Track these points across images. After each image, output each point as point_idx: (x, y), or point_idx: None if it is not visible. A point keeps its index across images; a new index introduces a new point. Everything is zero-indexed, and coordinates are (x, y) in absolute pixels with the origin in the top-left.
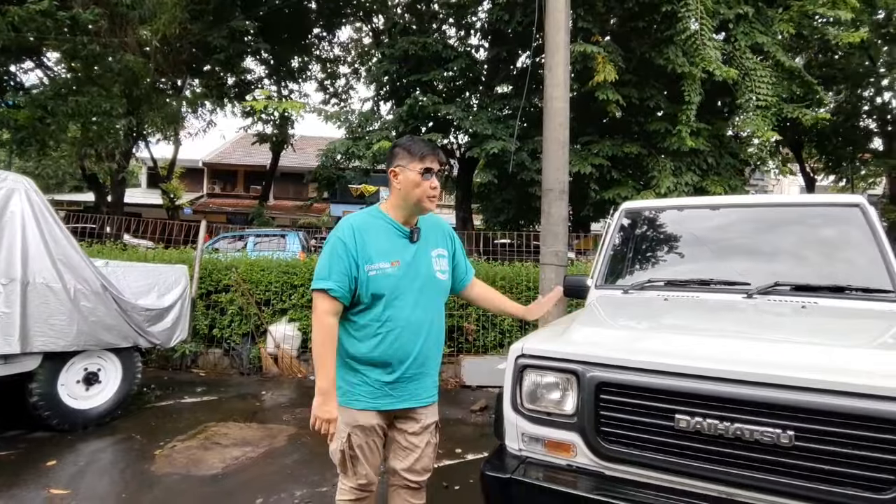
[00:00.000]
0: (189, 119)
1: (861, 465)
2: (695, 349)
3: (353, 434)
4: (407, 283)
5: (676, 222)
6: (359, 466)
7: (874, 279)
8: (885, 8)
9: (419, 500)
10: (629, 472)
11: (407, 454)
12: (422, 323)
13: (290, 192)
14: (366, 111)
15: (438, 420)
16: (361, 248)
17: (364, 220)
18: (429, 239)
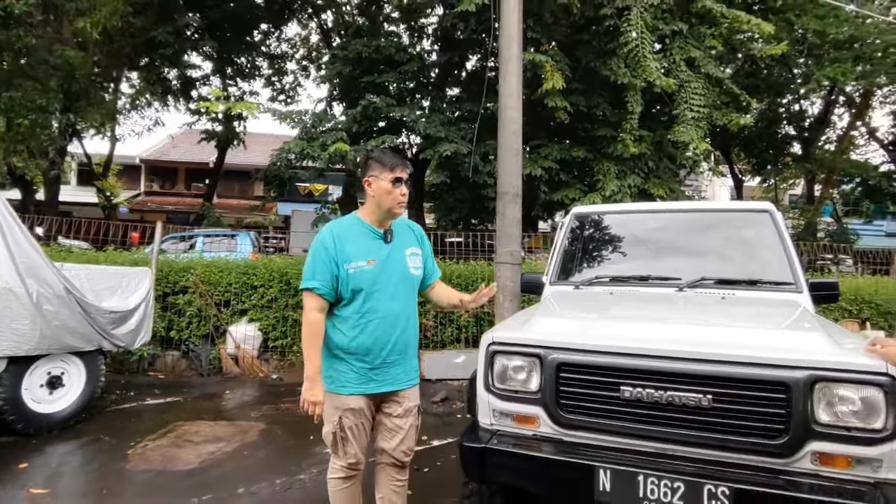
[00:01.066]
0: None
1: (760, 419)
2: (635, 333)
3: (344, 417)
4: (384, 279)
5: (619, 225)
6: (348, 447)
7: (780, 274)
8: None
9: (403, 476)
10: (584, 436)
11: (393, 435)
12: (399, 314)
13: (236, 190)
14: (319, 112)
15: (420, 403)
16: (341, 250)
17: (342, 226)
18: (402, 239)
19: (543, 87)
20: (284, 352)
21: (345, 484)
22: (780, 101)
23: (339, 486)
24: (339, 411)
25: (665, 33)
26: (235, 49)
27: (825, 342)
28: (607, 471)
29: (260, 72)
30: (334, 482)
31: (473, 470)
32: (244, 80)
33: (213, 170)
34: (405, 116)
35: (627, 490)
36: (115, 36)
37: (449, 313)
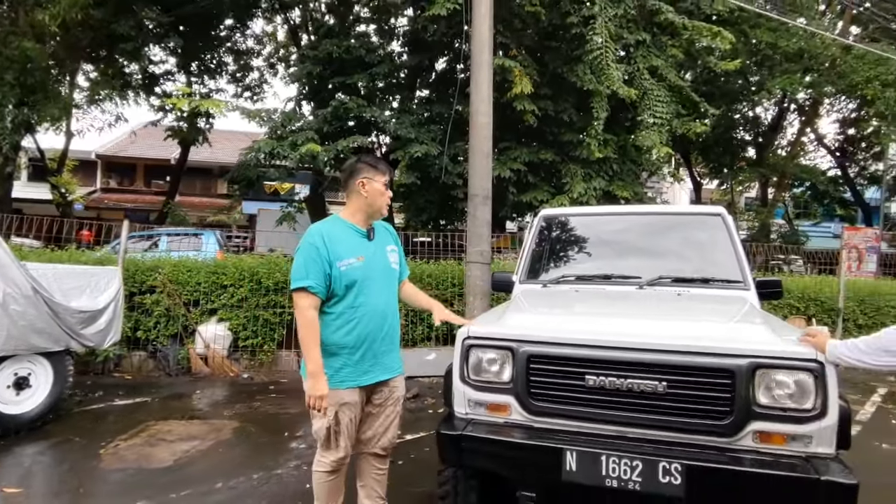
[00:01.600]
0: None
1: (708, 403)
2: (599, 327)
3: (341, 412)
4: (372, 274)
5: (584, 227)
6: (342, 440)
7: (730, 273)
8: (755, 39)
9: (384, 465)
10: (552, 422)
11: (379, 424)
12: (386, 306)
13: (198, 188)
14: (288, 111)
15: (404, 396)
16: (332, 249)
17: (329, 227)
18: (382, 238)
19: (512, 91)
20: (255, 351)
21: (331, 477)
22: (736, 107)
23: (325, 479)
24: (336, 406)
25: (629, 42)
26: (200, 44)
27: (766, 334)
28: (573, 452)
29: (225, 68)
30: (321, 475)
31: (450, 456)
32: (210, 77)
33: (175, 167)
34: (376, 117)
35: (592, 469)
36: (73, 28)
37: (420, 312)
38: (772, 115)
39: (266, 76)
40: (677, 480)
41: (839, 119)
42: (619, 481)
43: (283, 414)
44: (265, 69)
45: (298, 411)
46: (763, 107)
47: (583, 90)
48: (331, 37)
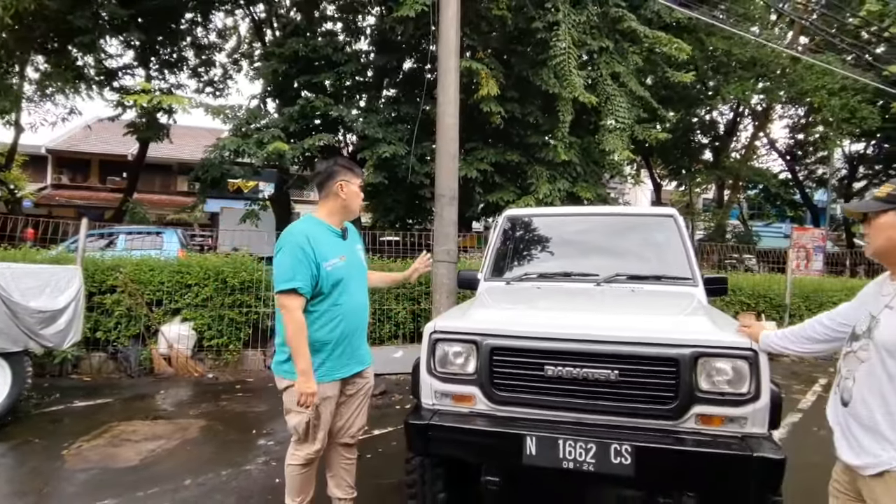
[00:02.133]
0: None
1: (655, 389)
2: (558, 321)
3: (322, 406)
4: (352, 272)
5: (546, 227)
6: (319, 433)
7: (680, 270)
8: (711, 46)
9: (352, 454)
10: (514, 411)
11: (350, 414)
12: (364, 301)
13: (157, 185)
14: (253, 108)
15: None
16: (317, 250)
17: (310, 228)
18: (353, 237)
19: (479, 93)
20: (220, 351)
21: (304, 470)
22: (694, 112)
23: (299, 472)
24: (318, 401)
25: (593, 49)
26: (160, 38)
27: (707, 325)
28: (533, 438)
29: (187, 63)
30: (294, 468)
31: (418, 445)
32: (170, 72)
33: (132, 163)
34: (343, 116)
35: (550, 453)
36: (25, 19)
37: (387, 310)
38: (727, 120)
39: (230, 72)
40: (627, 461)
41: (789, 125)
42: (575, 463)
43: (250, 412)
44: (228, 65)
45: (266, 409)
46: (719, 111)
47: (548, 93)
48: (297, 35)
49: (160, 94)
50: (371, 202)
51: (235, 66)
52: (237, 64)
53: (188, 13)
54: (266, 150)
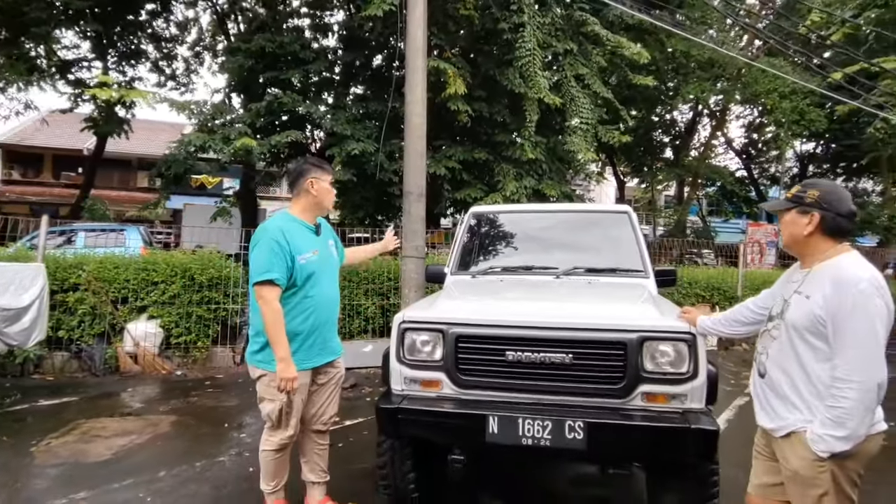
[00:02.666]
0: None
1: (606, 371)
2: (518, 310)
3: (292, 393)
4: (324, 266)
5: (509, 223)
6: (292, 419)
7: (633, 263)
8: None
9: (325, 440)
10: (478, 394)
11: (322, 402)
12: (334, 295)
13: (115, 180)
14: (217, 103)
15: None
16: (292, 244)
17: (284, 224)
18: (326, 233)
19: (447, 92)
20: (188, 348)
21: (277, 455)
22: (656, 111)
23: (272, 457)
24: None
25: (558, 51)
26: (118, 29)
27: (652, 312)
28: (495, 418)
29: (146, 56)
30: (268, 454)
31: (388, 427)
32: (128, 65)
33: (90, 158)
34: (311, 112)
35: (510, 431)
36: None
37: (357, 306)
38: (687, 120)
39: (192, 66)
40: (580, 436)
41: (745, 124)
42: (533, 440)
43: (221, 407)
44: (191, 58)
45: (236, 404)
46: (679, 111)
47: (515, 93)
48: (263, 31)
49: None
50: (339, 199)
51: (198, 60)
52: (199, 57)
53: (148, 4)
54: (233, 146)
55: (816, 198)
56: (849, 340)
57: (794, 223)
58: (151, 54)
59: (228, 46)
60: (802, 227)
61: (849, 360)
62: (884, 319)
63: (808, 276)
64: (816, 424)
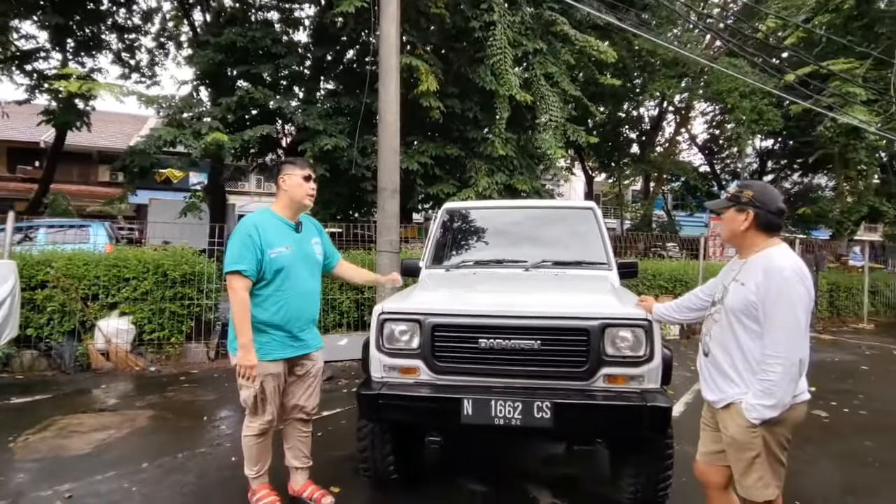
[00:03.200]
0: None
1: (571, 355)
2: (490, 301)
3: (265, 381)
4: (298, 262)
5: (480, 219)
6: (267, 406)
7: (597, 256)
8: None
9: (307, 428)
10: (453, 379)
11: (303, 392)
12: (311, 290)
13: (75, 174)
14: (185, 96)
15: (323, 367)
16: (264, 238)
17: (261, 219)
18: (308, 231)
19: (419, 89)
20: (162, 344)
21: (259, 440)
22: (623, 108)
23: (254, 442)
24: (261, 376)
25: (528, 50)
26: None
27: (613, 302)
28: (470, 400)
29: (108, 46)
30: (249, 439)
31: (369, 412)
32: (87, 55)
33: (49, 151)
34: (282, 107)
35: (484, 412)
36: None
37: (332, 300)
38: (652, 116)
39: (157, 57)
40: (547, 415)
41: (708, 121)
42: (505, 420)
43: (198, 401)
44: (154, 50)
45: (214, 398)
46: (645, 108)
47: (486, 90)
48: (233, 24)
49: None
50: None
51: (163, 51)
52: (164, 48)
53: None
54: (204, 142)
55: (751, 197)
56: (776, 322)
57: (732, 220)
58: (113, 45)
59: (196, 39)
60: (740, 224)
61: (776, 340)
62: (804, 304)
63: (744, 266)
64: (750, 396)
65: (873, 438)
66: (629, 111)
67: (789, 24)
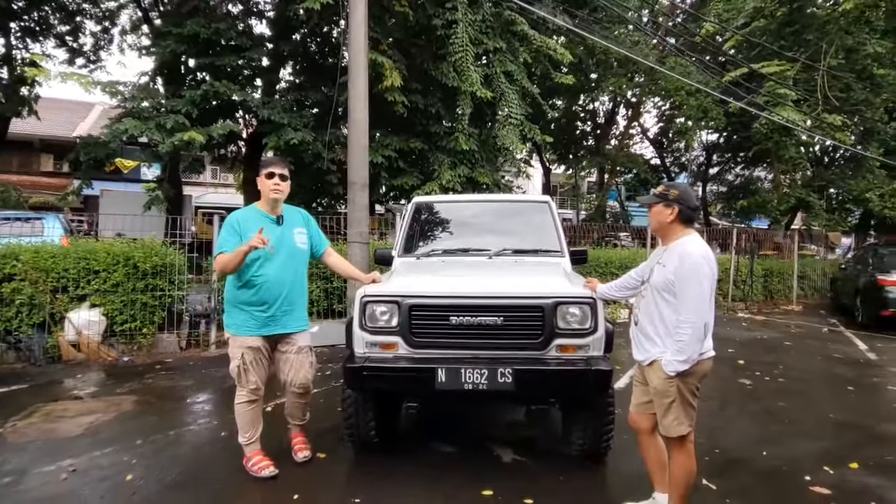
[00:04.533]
0: None
1: (528, 329)
2: (459, 284)
3: (245, 353)
4: (275, 252)
5: (447, 211)
6: (250, 376)
7: (552, 245)
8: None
9: (303, 399)
10: (427, 352)
11: (288, 369)
12: (285, 278)
13: (15, 164)
14: (143, 85)
15: (311, 345)
16: (243, 229)
17: (244, 214)
18: (292, 222)
19: (384, 84)
20: (133, 335)
21: (249, 407)
22: (579, 101)
23: (244, 409)
24: (241, 349)
25: (489, 48)
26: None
27: (565, 283)
28: (443, 369)
29: (53, 30)
30: (240, 406)
31: (354, 383)
32: (33, 40)
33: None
34: (247, 100)
35: (455, 379)
36: None
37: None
38: (606, 110)
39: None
40: (509, 380)
41: (659, 116)
42: (473, 384)
43: (178, 386)
44: (100, 35)
45: (193, 383)
46: (600, 102)
47: (449, 86)
48: (195, 14)
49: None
50: None
51: (106, 35)
52: (107, 33)
53: None
54: (177, 139)
55: (676, 195)
56: (687, 296)
57: (660, 213)
58: (58, 29)
59: (156, 29)
60: (666, 216)
61: (687, 309)
62: (709, 281)
63: (666, 251)
64: (668, 354)
65: (786, 400)
66: (585, 105)
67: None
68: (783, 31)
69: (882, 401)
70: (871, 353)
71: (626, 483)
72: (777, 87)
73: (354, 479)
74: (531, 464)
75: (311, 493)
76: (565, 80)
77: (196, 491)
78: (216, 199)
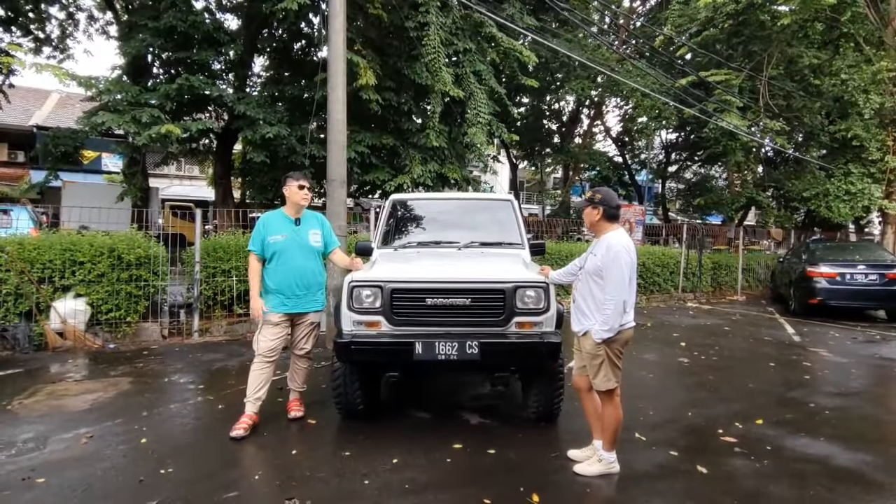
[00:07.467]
0: None
1: (492, 309)
2: (434, 271)
3: (266, 327)
4: (291, 247)
5: (421, 208)
6: (262, 344)
7: (514, 238)
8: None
9: (305, 364)
10: (406, 329)
11: (301, 337)
12: (302, 267)
13: None
14: (116, 79)
15: (319, 322)
16: (267, 228)
17: (270, 215)
18: (309, 224)
19: (358, 82)
20: (117, 324)
21: (259, 367)
22: (545, 99)
23: (255, 369)
24: (267, 324)
25: (459, 49)
26: None
27: (523, 270)
28: (420, 342)
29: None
30: (253, 366)
31: (342, 355)
32: (5, 30)
33: None
34: (222, 94)
35: (430, 351)
36: None
37: None
38: (571, 109)
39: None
40: (475, 351)
41: (620, 115)
42: (445, 355)
43: (170, 369)
44: (65, 22)
45: (183, 366)
46: (565, 101)
47: (421, 85)
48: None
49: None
50: (245, 180)
51: (70, 21)
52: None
53: None
54: (155, 132)
55: (600, 199)
56: (611, 279)
57: (589, 214)
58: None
59: (129, 22)
60: (594, 216)
61: (610, 290)
62: (629, 267)
63: (597, 244)
64: (596, 325)
65: (715, 374)
66: (550, 104)
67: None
68: (732, 41)
69: (795, 373)
70: (797, 336)
71: (573, 437)
72: (723, 95)
73: (343, 438)
74: (495, 425)
75: (306, 450)
76: (531, 82)
77: (206, 450)
78: (182, 191)
